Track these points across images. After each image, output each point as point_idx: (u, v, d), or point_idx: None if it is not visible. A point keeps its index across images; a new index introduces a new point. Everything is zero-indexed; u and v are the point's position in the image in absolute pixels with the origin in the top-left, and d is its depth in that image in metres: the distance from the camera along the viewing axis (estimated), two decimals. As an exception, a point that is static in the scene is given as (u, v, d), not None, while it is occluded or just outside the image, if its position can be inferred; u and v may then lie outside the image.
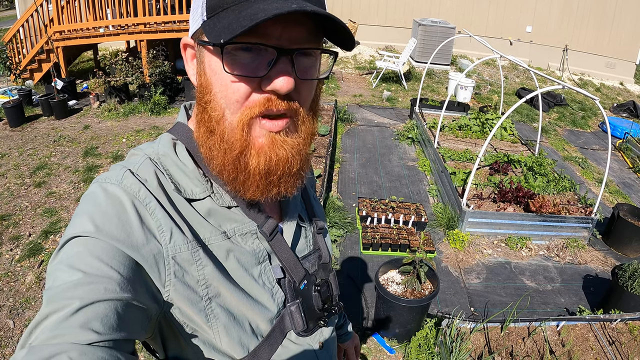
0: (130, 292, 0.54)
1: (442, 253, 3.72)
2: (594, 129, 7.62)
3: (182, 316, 0.62)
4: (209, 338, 0.65)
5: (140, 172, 0.63)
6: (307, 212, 0.83)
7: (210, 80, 0.59)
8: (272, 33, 0.54)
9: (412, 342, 2.63)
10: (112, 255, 0.54)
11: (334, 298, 0.81)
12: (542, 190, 4.41)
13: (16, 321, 2.76)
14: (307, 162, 0.66)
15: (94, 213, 0.57)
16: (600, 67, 10.68)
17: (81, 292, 0.50)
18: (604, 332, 2.64)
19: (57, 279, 0.52)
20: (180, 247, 0.61)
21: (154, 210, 0.60)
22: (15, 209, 3.96)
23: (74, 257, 0.54)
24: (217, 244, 0.66)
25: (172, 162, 0.66)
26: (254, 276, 0.69)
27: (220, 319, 0.64)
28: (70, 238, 0.56)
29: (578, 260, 3.78)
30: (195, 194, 0.65)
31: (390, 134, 6.26)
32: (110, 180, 0.61)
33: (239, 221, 0.69)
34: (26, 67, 7.37)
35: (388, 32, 10.59)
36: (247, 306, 0.67)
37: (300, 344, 0.76)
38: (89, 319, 0.49)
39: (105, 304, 0.51)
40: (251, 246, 0.69)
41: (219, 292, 0.64)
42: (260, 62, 0.56)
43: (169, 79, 6.79)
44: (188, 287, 0.61)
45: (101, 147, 5.23)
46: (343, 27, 0.55)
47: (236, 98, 0.57)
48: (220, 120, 0.59)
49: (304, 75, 0.58)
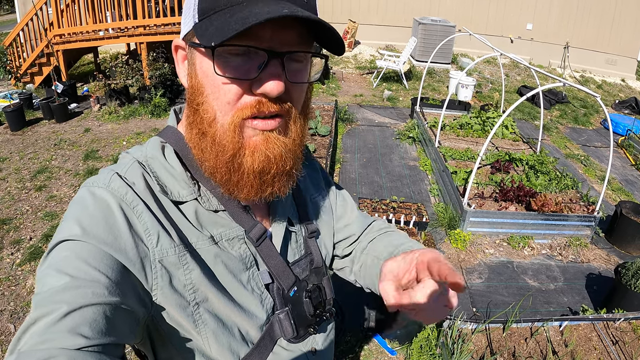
0: (119, 295, 0.54)
1: (444, 253, 3.70)
2: (595, 126, 7.58)
3: (170, 321, 0.62)
4: (199, 344, 0.64)
5: (128, 175, 0.63)
6: (299, 215, 0.81)
7: (201, 82, 0.59)
8: (263, 36, 0.54)
9: (413, 343, 2.61)
10: (100, 259, 0.54)
11: (327, 302, 0.80)
12: (544, 188, 4.39)
13: (17, 325, 2.76)
14: (298, 162, 0.66)
15: (81, 216, 0.57)
16: (602, 64, 10.64)
17: (69, 296, 0.50)
18: (607, 332, 2.62)
19: (45, 284, 0.52)
20: (167, 250, 0.60)
21: (141, 213, 0.60)
22: (16, 212, 3.96)
23: (61, 262, 0.53)
24: (205, 248, 0.65)
25: (159, 164, 0.66)
26: (242, 282, 0.68)
27: (209, 324, 0.64)
28: (58, 242, 0.56)
29: (581, 259, 3.75)
30: (182, 196, 0.65)
31: (391, 134, 6.24)
32: (98, 183, 0.61)
33: (225, 226, 0.68)
34: (26, 71, 7.39)
35: (388, 31, 10.57)
36: (235, 312, 0.66)
37: (292, 350, 0.75)
38: (78, 324, 0.48)
39: (94, 308, 0.50)
40: (238, 251, 0.68)
41: (206, 297, 0.63)
42: (251, 65, 0.56)
43: (169, 81, 6.79)
44: (175, 292, 0.61)
45: (102, 150, 5.23)
46: (333, 33, 0.55)
47: (227, 100, 0.57)
48: (212, 123, 0.59)
49: (294, 78, 0.58)
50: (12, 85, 7.46)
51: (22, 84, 7.43)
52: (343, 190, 0.96)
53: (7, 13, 19.74)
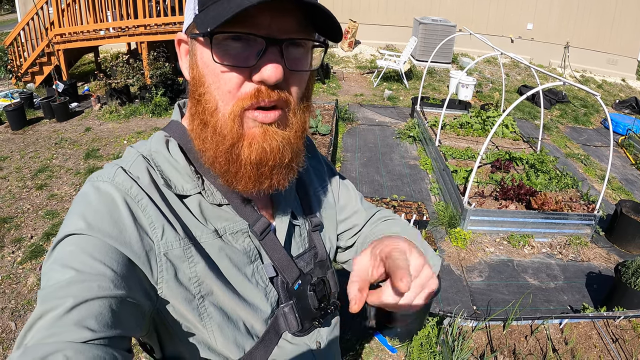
0: (124, 289, 0.54)
1: (444, 252, 3.70)
2: (596, 125, 7.59)
3: (176, 314, 0.62)
4: (204, 337, 0.65)
5: (133, 169, 0.63)
6: (303, 208, 0.81)
7: (202, 73, 0.59)
8: (261, 23, 0.54)
9: (413, 341, 2.62)
10: (105, 252, 0.54)
11: (332, 296, 0.80)
12: (544, 187, 4.39)
13: (18, 323, 2.76)
14: (299, 155, 0.65)
15: (85, 211, 0.57)
16: (602, 63, 10.63)
17: (75, 290, 0.50)
18: (607, 330, 2.62)
19: (50, 279, 0.52)
20: (172, 243, 0.60)
21: (145, 206, 0.60)
22: (17, 211, 3.97)
23: (66, 256, 0.54)
24: (209, 242, 0.65)
25: (163, 158, 0.66)
26: (247, 275, 0.68)
27: (214, 318, 0.64)
28: (63, 237, 0.56)
29: (581, 258, 3.76)
30: (186, 190, 0.65)
31: (391, 133, 6.25)
32: (102, 178, 0.61)
33: (229, 219, 0.68)
34: (27, 70, 7.39)
35: (389, 31, 10.57)
36: (240, 305, 0.66)
37: (297, 344, 0.75)
38: (84, 317, 0.49)
39: (100, 302, 0.51)
40: (242, 245, 0.69)
41: (211, 290, 0.64)
42: (249, 53, 0.56)
43: (170, 80, 6.79)
44: (180, 285, 0.61)
45: (102, 149, 5.24)
46: (330, 17, 0.55)
47: (228, 89, 0.57)
48: (214, 112, 0.59)
49: (293, 66, 0.58)
50: (13, 84, 7.46)
51: (23, 83, 7.44)
52: (346, 180, 0.95)
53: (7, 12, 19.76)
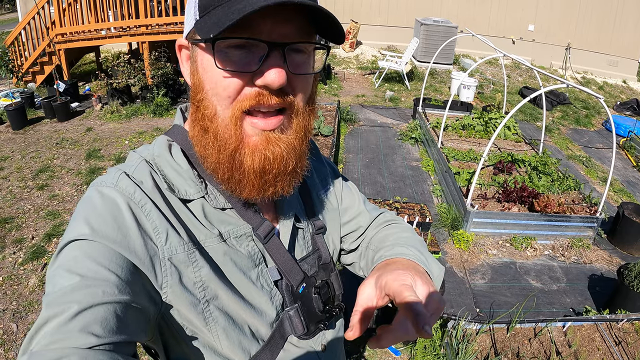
0: (129, 294, 0.54)
1: (447, 253, 3.69)
2: (597, 127, 7.58)
3: (181, 318, 0.62)
4: (210, 341, 0.65)
5: (136, 174, 0.63)
6: (306, 211, 0.81)
7: (202, 78, 0.59)
8: (263, 29, 0.54)
9: (417, 343, 2.61)
10: (110, 258, 0.54)
11: (336, 298, 0.80)
12: (546, 189, 4.39)
13: (19, 324, 2.75)
14: (303, 159, 0.65)
15: (90, 216, 0.57)
16: (603, 65, 10.64)
17: (79, 295, 0.50)
18: (610, 333, 2.62)
19: (55, 284, 0.52)
20: (176, 248, 0.60)
21: (149, 211, 0.60)
22: (18, 211, 3.96)
23: (71, 261, 0.54)
24: (213, 246, 0.65)
25: (166, 162, 0.66)
26: (251, 279, 0.68)
27: (219, 322, 0.64)
28: (67, 242, 0.56)
29: (583, 260, 3.75)
30: (189, 194, 0.65)
31: (393, 134, 6.24)
32: (106, 183, 0.61)
33: (233, 223, 0.68)
34: (28, 70, 7.39)
35: (390, 32, 10.57)
36: (245, 309, 0.66)
37: (302, 347, 0.75)
38: (89, 323, 0.49)
39: (104, 307, 0.50)
40: (246, 249, 0.68)
41: (216, 295, 0.63)
42: (252, 58, 0.55)
43: (171, 80, 6.79)
44: (185, 289, 0.61)
45: (104, 150, 5.23)
46: (332, 20, 0.55)
47: (227, 94, 0.57)
48: (213, 118, 0.59)
49: (296, 69, 0.58)
50: (14, 84, 7.45)
51: (24, 83, 7.43)
52: (349, 182, 0.95)
53: (8, 12, 19.76)
